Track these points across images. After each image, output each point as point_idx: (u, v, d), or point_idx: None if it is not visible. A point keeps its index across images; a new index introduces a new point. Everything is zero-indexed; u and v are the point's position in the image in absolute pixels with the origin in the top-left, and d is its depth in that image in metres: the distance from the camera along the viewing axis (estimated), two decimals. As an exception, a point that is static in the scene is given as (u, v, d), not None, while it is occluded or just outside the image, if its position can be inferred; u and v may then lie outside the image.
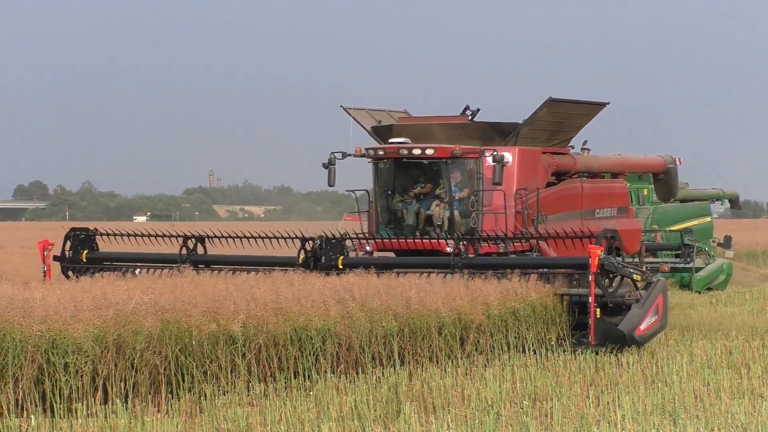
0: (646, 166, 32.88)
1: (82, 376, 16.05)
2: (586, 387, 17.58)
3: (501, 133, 25.96)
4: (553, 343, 21.61)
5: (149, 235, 26.13)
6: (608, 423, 14.80)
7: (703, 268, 38.42)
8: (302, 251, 23.90)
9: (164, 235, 26.04)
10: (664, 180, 33.17)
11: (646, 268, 28.92)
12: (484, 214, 24.93)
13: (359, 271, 22.35)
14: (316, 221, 74.47)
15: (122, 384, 16.44)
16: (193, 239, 25.44)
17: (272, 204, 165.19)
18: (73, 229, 25.98)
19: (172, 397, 16.71)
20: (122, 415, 14.82)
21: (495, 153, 24.54)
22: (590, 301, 21.42)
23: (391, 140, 25.91)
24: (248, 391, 17.20)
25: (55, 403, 15.68)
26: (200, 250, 25.56)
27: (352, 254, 24.89)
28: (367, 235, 25.40)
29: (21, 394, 15.54)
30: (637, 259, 30.09)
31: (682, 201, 45.74)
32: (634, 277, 22.23)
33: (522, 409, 15.87)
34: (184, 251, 25.29)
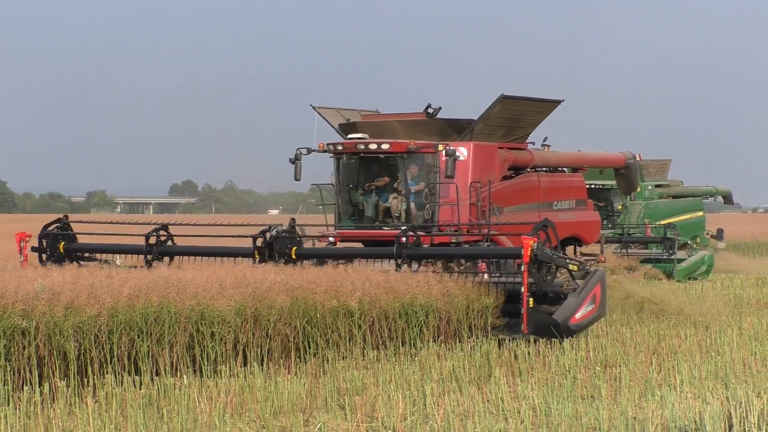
0: (605, 161, 30.21)
1: (225, 343, 16.20)
2: (650, 355, 17.38)
3: (457, 129, 23.72)
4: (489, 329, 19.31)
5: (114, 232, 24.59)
6: (669, 386, 14.63)
7: (685, 259, 37.37)
8: (258, 241, 21.61)
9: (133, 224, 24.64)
10: (624, 175, 30.20)
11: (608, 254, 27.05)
12: (440, 205, 22.56)
13: (313, 262, 20.64)
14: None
15: (258, 350, 16.56)
16: (164, 231, 22.93)
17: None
18: (62, 219, 23.78)
19: (300, 361, 16.81)
20: (259, 375, 14.90)
21: (447, 147, 22.10)
22: (523, 290, 18.82)
23: (350, 136, 23.58)
24: (363, 356, 17.21)
25: (203, 365, 15.85)
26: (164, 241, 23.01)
27: (320, 245, 22.89)
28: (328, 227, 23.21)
29: (175, 357, 15.72)
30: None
31: (676, 197, 44.53)
32: (570, 267, 19.72)
33: (595, 373, 15.75)
34: (152, 241, 22.75)
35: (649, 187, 42.40)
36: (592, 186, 38.60)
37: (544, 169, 26.05)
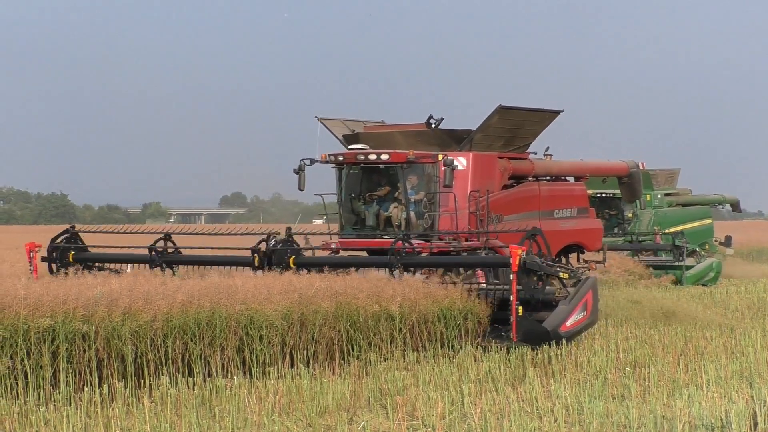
0: (608, 170, 29.10)
1: (273, 345, 16.18)
2: (677, 356, 17.21)
3: (456, 139, 22.70)
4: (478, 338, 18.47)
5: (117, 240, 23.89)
6: (696, 386, 14.46)
7: (693, 266, 36.29)
8: (257, 251, 20.91)
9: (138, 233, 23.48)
10: (627, 183, 29.06)
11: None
12: (440, 214, 21.64)
13: (312, 270, 20.05)
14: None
15: (305, 352, 16.53)
16: (165, 239, 22.25)
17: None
18: (69, 230, 22.99)
19: (344, 363, 16.77)
20: (305, 377, 14.88)
21: (446, 157, 21.19)
22: (512, 298, 18.03)
23: (350, 146, 22.69)
24: (404, 358, 17.15)
25: (253, 367, 15.83)
26: (169, 250, 22.33)
27: (321, 254, 21.92)
28: (330, 235, 22.36)
29: (226, 359, 15.72)
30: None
31: (685, 205, 43.88)
32: (561, 275, 18.87)
33: (625, 374, 15.63)
34: (154, 252, 22.13)
35: (659, 196, 41.90)
36: (603, 195, 38.28)
37: (546, 178, 25.17)
